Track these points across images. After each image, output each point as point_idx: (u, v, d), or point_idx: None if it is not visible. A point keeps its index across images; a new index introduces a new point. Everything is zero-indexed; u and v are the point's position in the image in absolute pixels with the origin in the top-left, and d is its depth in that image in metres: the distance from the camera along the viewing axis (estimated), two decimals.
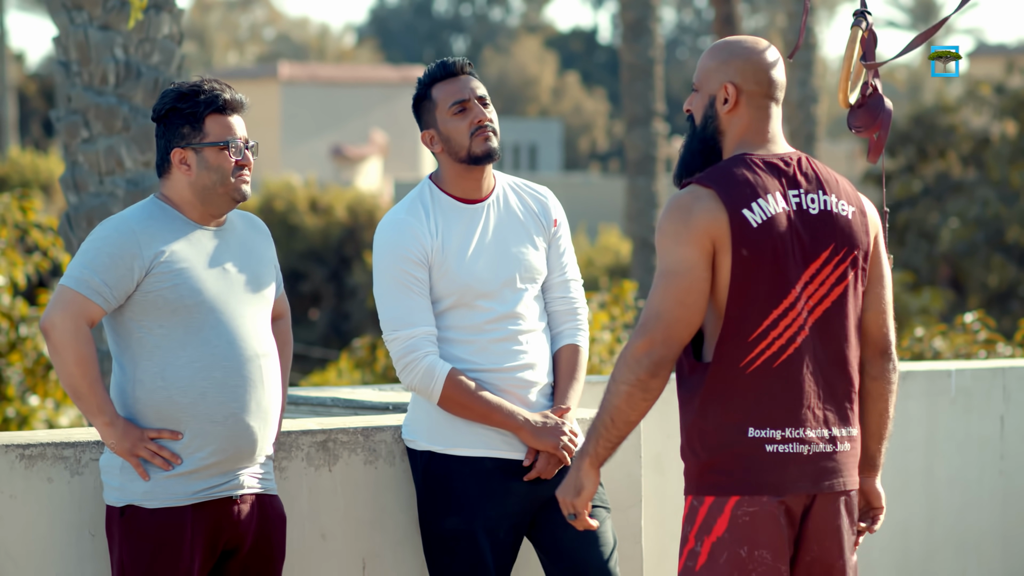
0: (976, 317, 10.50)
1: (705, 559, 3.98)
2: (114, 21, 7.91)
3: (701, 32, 72.62)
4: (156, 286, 4.27)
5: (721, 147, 4.09)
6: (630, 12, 17.91)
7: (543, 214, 4.82)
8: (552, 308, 4.83)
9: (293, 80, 49.55)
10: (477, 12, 77.04)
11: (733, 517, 3.96)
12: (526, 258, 4.75)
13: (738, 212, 3.95)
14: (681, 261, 3.94)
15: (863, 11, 4.37)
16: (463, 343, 4.68)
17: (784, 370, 3.98)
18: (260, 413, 4.35)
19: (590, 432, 4.00)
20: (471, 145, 4.65)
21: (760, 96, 4.07)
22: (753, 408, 3.97)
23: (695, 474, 4.01)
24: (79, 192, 7.97)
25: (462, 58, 4.75)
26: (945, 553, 6.58)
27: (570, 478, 4.04)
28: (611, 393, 3.96)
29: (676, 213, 3.97)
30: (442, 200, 4.71)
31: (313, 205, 31.56)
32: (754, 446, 3.97)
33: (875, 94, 4.34)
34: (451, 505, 4.67)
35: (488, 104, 4.72)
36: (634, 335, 3.95)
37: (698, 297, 3.94)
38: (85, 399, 4.23)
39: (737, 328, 3.96)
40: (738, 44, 4.10)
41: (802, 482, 3.99)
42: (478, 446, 4.67)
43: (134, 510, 4.27)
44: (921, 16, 67.35)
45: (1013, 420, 6.75)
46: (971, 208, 23.43)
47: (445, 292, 4.67)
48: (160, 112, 4.35)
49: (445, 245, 4.66)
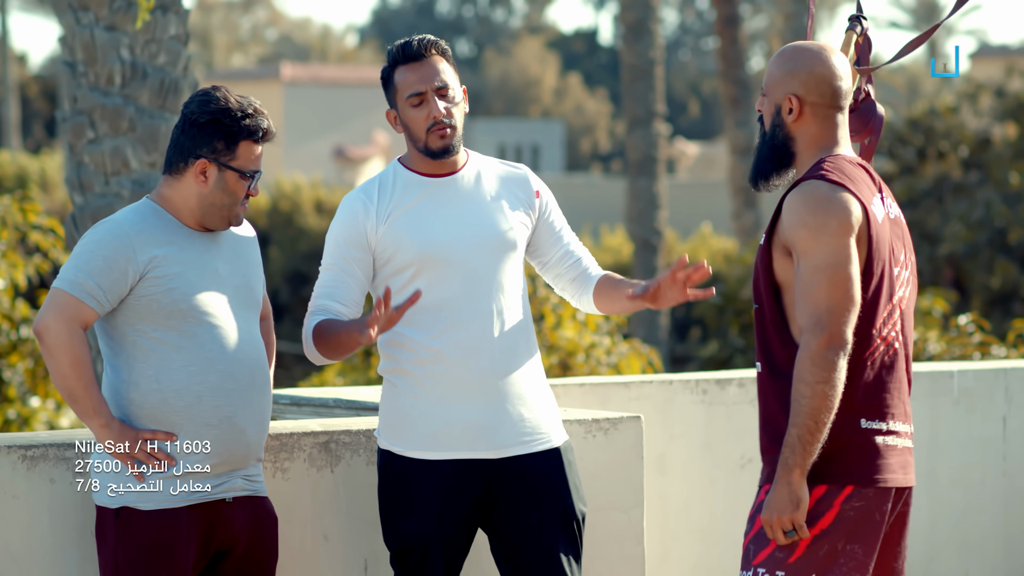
0: (971, 319, 10.50)
1: (803, 551, 3.97)
2: (120, 22, 7.91)
3: (702, 33, 72.58)
4: (150, 290, 4.27)
5: (794, 151, 4.13)
6: (631, 13, 17.91)
7: (522, 187, 4.69)
8: (566, 277, 4.73)
9: (295, 81, 49.54)
10: (479, 13, 77.03)
11: (841, 511, 3.97)
12: (497, 227, 4.60)
13: (869, 207, 4.01)
14: (837, 251, 3.95)
15: (858, 16, 4.38)
16: (420, 327, 4.52)
17: (895, 364, 4.06)
18: (254, 416, 4.36)
19: (792, 444, 3.92)
20: (427, 140, 4.55)
21: (824, 107, 4.11)
22: (869, 399, 4.02)
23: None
24: (85, 193, 7.98)
25: (426, 38, 4.58)
26: (947, 553, 6.58)
27: (780, 494, 3.94)
28: (806, 397, 3.91)
29: (819, 204, 3.97)
30: (404, 176, 4.62)
31: (318, 206, 31.55)
32: (867, 437, 4.01)
33: (868, 99, 4.36)
34: (406, 509, 4.56)
35: (447, 94, 4.55)
36: (808, 334, 3.92)
37: (858, 286, 3.96)
38: (80, 401, 4.22)
39: (864, 320, 4.00)
40: (803, 54, 4.13)
41: (899, 474, 4.06)
42: (437, 448, 4.54)
43: (129, 512, 4.27)
44: (923, 16, 67.28)
45: (1015, 421, 6.75)
46: (973, 210, 23.42)
47: (403, 264, 4.56)
48: (200, 117, 4.31)
49: (400, 218, 4.56)
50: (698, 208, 33.27)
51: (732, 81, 22.53)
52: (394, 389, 4.58)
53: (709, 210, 32.13)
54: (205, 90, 4.35)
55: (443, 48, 4.59)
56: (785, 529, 3.95)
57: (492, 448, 4.55)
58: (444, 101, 4.55)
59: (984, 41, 63.83)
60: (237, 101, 4.32)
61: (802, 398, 3.90)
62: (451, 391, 4.52)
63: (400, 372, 4.56)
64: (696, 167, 50.28)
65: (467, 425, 4.53)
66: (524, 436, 4.58)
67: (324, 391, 5.79)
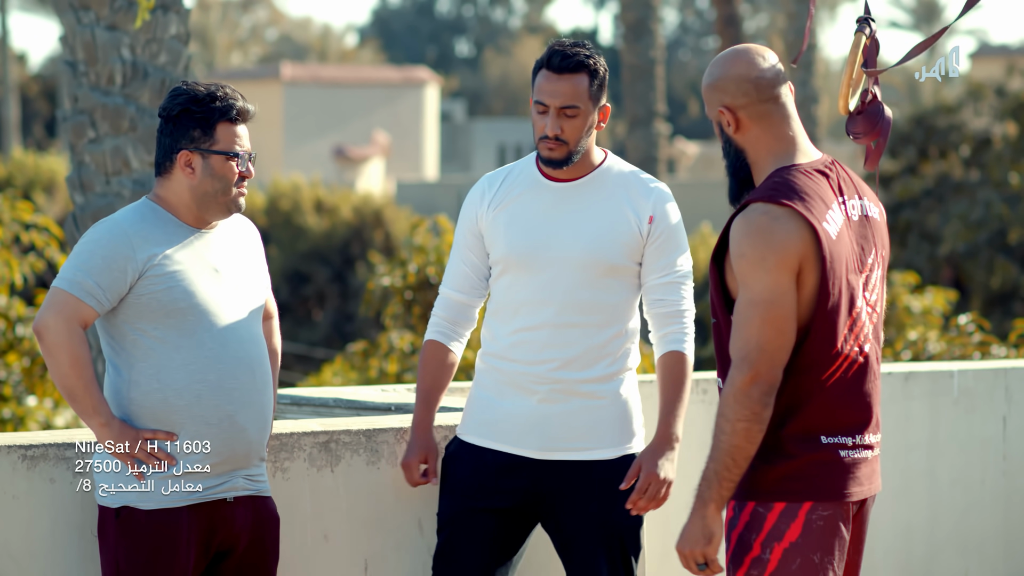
0: (971, 319, 10.50)
1: (775, 566, 3.96)
2: (121, 21, 7.92)
3: (703, 33, 72.60)
4: (149, 289, 4.26)
5: (749, 163, 4.09)
6: (631, 13, 17.91)
7: (640, 207, 4.63)
8: (651, 311, 4.66)
9: (295, 81, 49.53)
10: (479, 13, 77.04)
11: (807, 522, 3.95)
12: (589, 244, 4.58)
13: (820, 227, 3.93)
14: (773, 288, 3.88)
15: (867, 18, 4.37)
16: (500, 322, 4.66)
17: (857, 379, 4.01)
18: (255, 415, 4.35)
19: (709, 477, 3.92)
20: (538, 146, 4.62)
21: (755, 104, 4.07)
22: (829, 417, 3.97)
23: (764, 481, 3.98)
24: (85, 192, 7.98)
25: (578, 54, 4.57)
26: (947, 554, 6.58)
27: (694, 527, 3.94)
28: (727, 433, 3.89)
29: (758, 237, 3.90)
30: (528, 171, 4.68)
31: (318, 206, 31.55)
32: (830, 452, 3.97)
33: (875, 101, 4.34)
34: (448, 487, 4.72)
35: (570, 113, 4.56)
36: (736, 370, 3.88)
37: (793, 322, 3.90)
38: (80, 400, 4.22)
39: (822, 343, 3.95)
40: (715, 65, 4.12)
41: (865, 486, 4.04)
42: (484, 437, 4.68)
43: (130, 511, 4.26)
44: (924, 17, 67.31)
45: (1015, 421, 6.74)
46: (973, 209, 23.42)
47: (495, 259, 4.68)
48: (171, 111, 4.33)
49: (504, 212, 4.64)
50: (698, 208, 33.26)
51: None
52: (476, 374, 4.77)
53: (709, 210, 32.12)
54: (175, 87, 4.37)
55: (593, 67, 4.60)
56: (697, 561, 3.96)
57: (539, 449, 4.63)
58: (563, 120, 4.56)
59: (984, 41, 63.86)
60: (206, 88, 4.33)
61: (722, 434, 3.89)
62: (508, 388, 4.64)
63: (481, 359, 4.75)
64: (696, 167, 50.26)
65: (517, 422, 4.63)
66: (574, 442, 4.63)
67: (324, 391, 5.78)
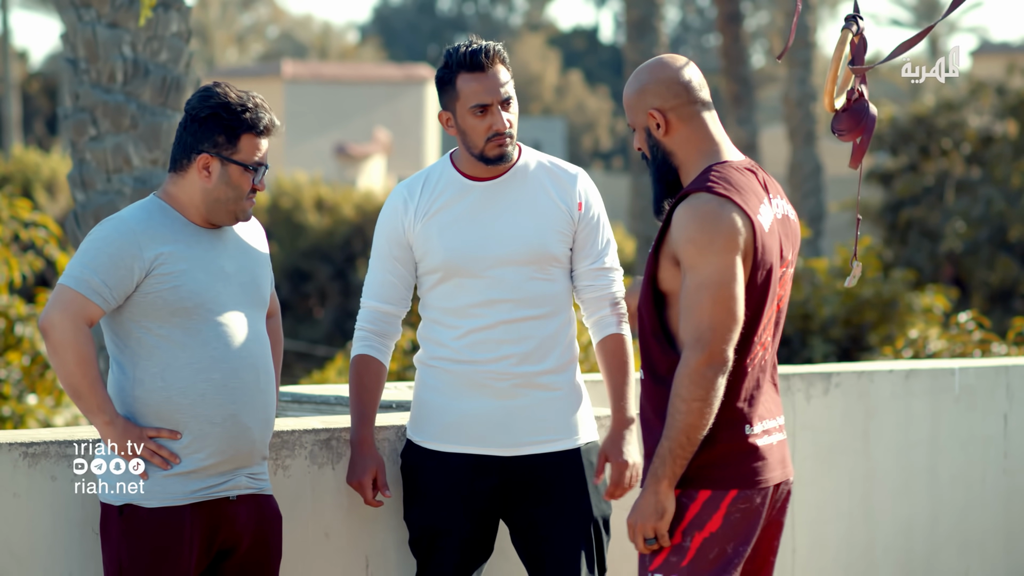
0: (971, 316, 10.50)
1: (693, 555, 4.04)
2: (122, 19, 7.92)
3: (704, 30, 72.57)
4: (156, 287, 4.27)
5: (676, 165, 4.16)
6: (634, 10, 17.91)
7: (567, 194, 4.65)
8: (583, 296, 4.70)
9: (296, 78, 49.51)
10: (480, 10, 76.99)
11: (728, 513, 4.04)
12: (529, 238, 4.60)
13: (756, 218, 4.05)
14: (723, 270, 3.98)
15: (855, 15, 4.38)
16: (446, 327, 4.62)
17: (770, 365, 4.15)
18: (258, 415, 4.35)
19: (663, 455, 3.99)
20: (484, 148, 4.58)
21: (685, 106, 4.16)
22: (751, 404, 4.08)
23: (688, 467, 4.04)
24: (86, 190, 7.98)
25: (493, 45, 4.59)
26: (948, 551, 6.58)
27: (647, 502, 4.03)
28: (681, 412, 3.96)
29: (706, 222, 4.00)
30: (450, 176, 4.65)
31: (319, 203, 31.53)
32: (750, 440, 4.07)
33: (860, 99, 4.37)
34: (417, 498, 4.67)
35: (510, 104, 4.59)
36: (689, 350, 3.97)
37: (741, 303, 4.00)
38: (85, 398, 4.23)
39: (747, 329, 4.05)
40: (642, 72, 4.22)
41: (778, 470, 4.13)
42: (447, 441, 4.62)
43: (133, 509, 4.27)
44: (925, 14, 67.26)
45: (1017, 418, 6.75)
46: (974, 207, 23.42)
47: (431, 267, 4.63)
48: (199, 112, 4.31)
49: (434, 220, 4.61)
50: None
51: (734, 78, 22.53)
52: (420, 380, 4.70)
53: None
54: (206, 86, 4.36)
55: (504, 56, 4.63)
56: (646, 536, 4.04)
57: (504, 445, 4.61)
58: (507, 113, 4.59)
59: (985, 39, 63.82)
60: (237, 95, 4.32)
61: (677, 413, 3.96)
62: (467, 388, 4.60)
63: (426, 364, 4.68)
64: None
65: (479, 422, 4.59)
66: (540, 435, 4.62)
67: (325, 388, 5.79)
